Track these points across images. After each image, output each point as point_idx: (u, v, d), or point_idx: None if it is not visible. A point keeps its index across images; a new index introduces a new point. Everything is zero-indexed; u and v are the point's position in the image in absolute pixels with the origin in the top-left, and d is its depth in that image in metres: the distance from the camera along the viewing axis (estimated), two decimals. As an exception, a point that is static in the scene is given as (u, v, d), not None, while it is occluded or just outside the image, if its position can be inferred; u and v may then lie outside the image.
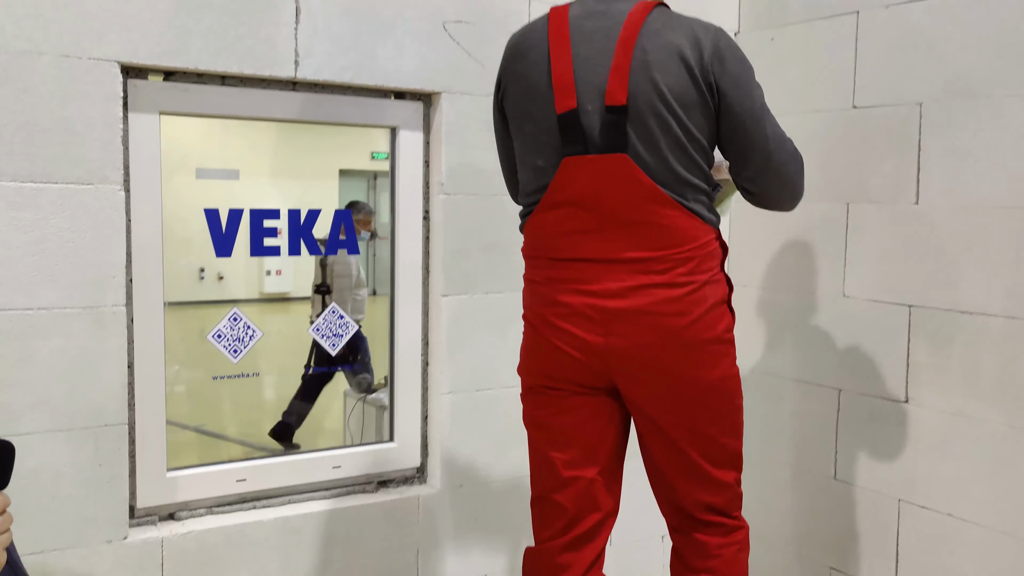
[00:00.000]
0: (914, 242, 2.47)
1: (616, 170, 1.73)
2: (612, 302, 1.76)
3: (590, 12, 1.80)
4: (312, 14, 2.26)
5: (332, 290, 3.68)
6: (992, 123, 2.29)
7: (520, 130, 1.87)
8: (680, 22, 1.76)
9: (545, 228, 1.83)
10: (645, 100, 1.72)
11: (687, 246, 1.76)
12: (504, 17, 2.52)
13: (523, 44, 1.86)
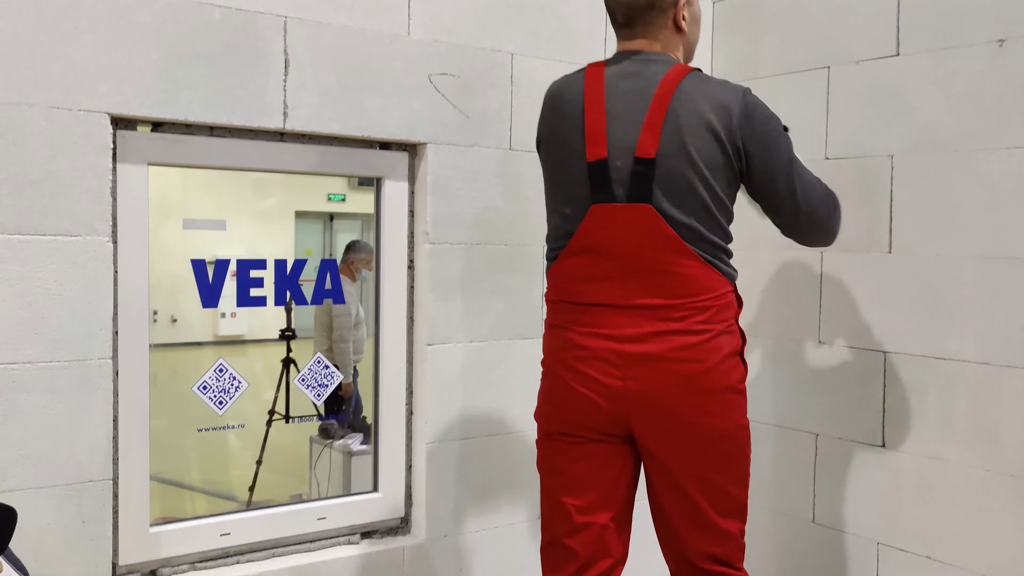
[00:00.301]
0: (888, 290, 2.54)
1: (641, 219, 1.81)
2: (631, 347, 1.82)
3: (625, 72, 1.89)
4: (301, 66, 2.27)
5: (296, 336, 3.65)
6: (962, 175, 2.38)
7: (551, 178, 1.97)
8: (711, 87, 1.85)
9: (569, 273, 1.90)
10: (673, 159, 1.81)
11: (704, 296, 1.83)
12: (487, 70, 2.56)
13: (559, 97, 1.96)
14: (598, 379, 1.84)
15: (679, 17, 1.94)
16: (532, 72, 2.63)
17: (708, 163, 1.82)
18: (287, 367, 3.63)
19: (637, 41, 1.95)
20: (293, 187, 3.26)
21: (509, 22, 2.58)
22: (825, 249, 2.68)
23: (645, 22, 1.93)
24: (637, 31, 1.94)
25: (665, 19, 1.93)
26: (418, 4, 2.43)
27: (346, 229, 4.99)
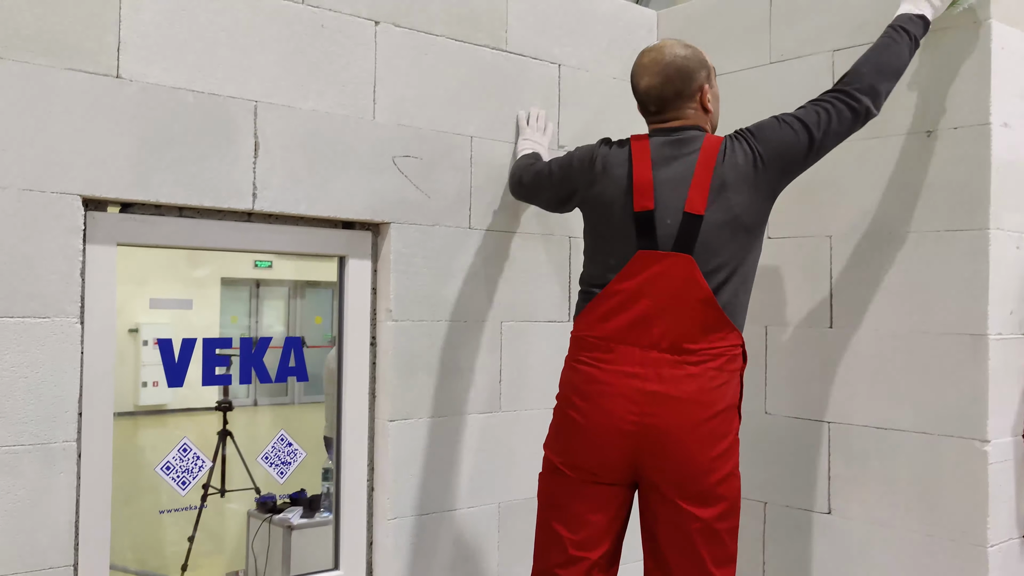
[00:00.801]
0: (831, 363, 2.67)
1: (679, 268, 2.03)
2: (651, 385, 2.02)
3: (667, 142, 2.16)
4: (270, 149, 2.32)
5: (233, 407, 3.61)
6: (896, 256, 2.54)
7: (596, 231, 2.19)
8: (740, 144, 2.11)
9: (602, 312, 2.09)
10: (719, 216, 2.06)
11: (720, 345, 2.05)
12: (448, 151, 2.64)
13: (608, 158, 2.21)
14: (617, 414, 2.02)
15: (705, 100, 2.20)
16: (491, 154, 2.73)
17: (748, 213, 2.09)
18: (223, 439, 3.58)
19: (670, 123, 2.19)
20: (220, 252, 3.27)
21: (469, 107, 2.68)
22: (769, 324, 2.81)
23: (675, 108, 2.18)
24: (668, 116, 2.19)
25: (693, 103, 2.19)
26: (383, 90, 2.51)
27: (273, 296, 4.96)
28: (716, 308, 2.05)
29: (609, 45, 3.02)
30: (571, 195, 2.34)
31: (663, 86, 2.18)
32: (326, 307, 3.91)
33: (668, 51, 2.21)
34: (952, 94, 2.43)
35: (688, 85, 2.18)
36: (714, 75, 2.29)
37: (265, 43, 2.31)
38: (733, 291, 2.09)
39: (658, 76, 2.18)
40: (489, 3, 2.74)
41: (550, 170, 2.44)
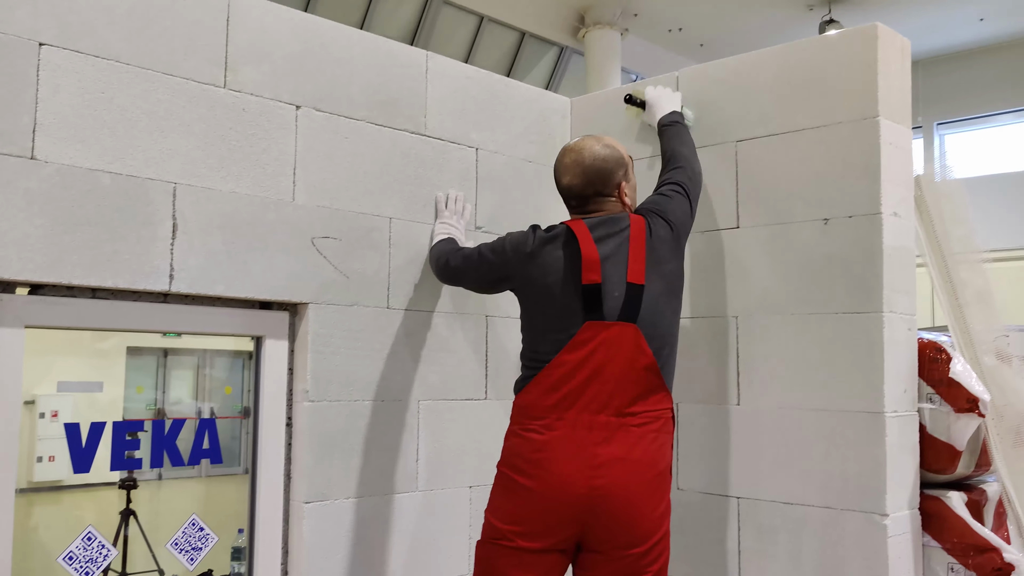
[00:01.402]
0: (739, 439, 2.76)
1: (625, 336, 2.17)
2: (601, 448, 2.13)
3: (598, 223, 2.31)
4: (189, 230, 2.32)
5: (137, 484, 3.51)
6: (797, 335, 2.66)
7: (536, 307, 2.30)
8: (659, 221, 2.35)
9: (550, 383, 2.19)
10: (655, 285, 2.25)
11: (658, 408, 2.21)
12: (367, 233, 2.68)
13: (545, 242, 2.32)
14: (569, 479, 2.13)
15: (623, 195, 2.36)
16: (409, 235, 2.77)
17: (676, 278, 2.34)
18: (126, 519, 3.45)
19: (594, 214, 2.35)
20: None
21: (389, 189, 2.73)
22: (680, 401, 2.90)
23: (595, 203, 2.35)
24: (592, 207, 2.35)
25: (612, 199, 2.36)
26: (303, 172, 2.55)
27: (181, 366, 4.83)
28: (656, 373, 2.22)
29: (525, 130, 3.13)
30: (505, 278, 2.43)
31: (584, 186, 2.35)
32: (237, 376, 3.86)
33: (587, 152, 2.35)
34: (846, 185, 2.59)
35: (607, 184, 2.35)
36: (631, 168, 2.44)
37: (186, 126, 2.33)
38: (668, 355, 2.28)
39: (578, 177, 2.35)
40: (409, 89, 2.81)
41: (480, 253, 2.50)
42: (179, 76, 2.33)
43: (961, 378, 2.62)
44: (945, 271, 2.90)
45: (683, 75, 3.01)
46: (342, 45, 2.66)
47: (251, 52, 2.46)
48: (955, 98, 12.22)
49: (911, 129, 2.71)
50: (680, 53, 11.74)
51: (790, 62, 2.74)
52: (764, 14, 10.77)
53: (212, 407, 2.72)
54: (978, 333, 2.86)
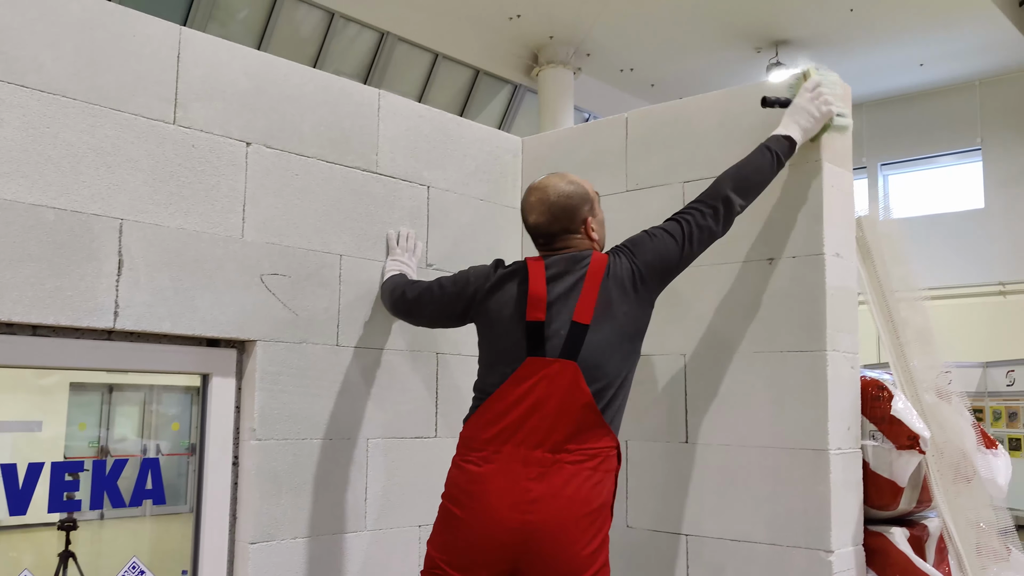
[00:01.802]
0: (686, 477, 2.78)
1: (566, 374, 2.18)
2: (533, 484, 2.13)
3: (559, 260, 2.32)
4: (135, 266, 2.29)
5: (77, 525, 3.42)
6: (744, 373, 2.70)
7: (489, 339, 2.33)
8: (623, 264, 2.29)
9: (490, 416, 2.21)
10: (604, 326, 2.23)
11: (596, 446, 2.20)
12: (317, 270, 2.67)
13: (504, 277, 2.36)
14: (501, 513, 2.13)
15: (589, 231, 2.37)
16: (360, 272, 2.77)
17: (631, 323, 2.28)
18: (64, 562, 3.35)
19: (559, 252, 2.35)
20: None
21: (339, 226, 2.73)
22: (630, 439, 2.91)
23: (562, 240, 2.35)
24: (558, 244, 2.36)
25: (579, 235, 2.36)
26: (253, 209, 2.54)
27: (127, 402, 4.74)
28: (596, 412, 2.21)
29: (477, 168, 3.15)
30: (465, 311, 2.45)
31: (549, 224, 2.36)
32: (184, 412, 3.79)
33: (552, 190, 2.37)
34: (790, 226, 2.64)
35: (572, 221, 2.36)
36: (597, 203, 2.45)
37: (133, 161, 2.31)
38: (612, 396, 2.26)
39: (544, 215, 2.36)
40: (361, 127, 2.82)
41: (440, 285, 2.52)
42: (127, 112, 2.31)
43: (902, 415, 2.67)
44: (886, 310, 2.97)
45: (631, 116, 3.06)
46: (294, 83, 2.67)
47: (202, 89, 2.46)
48: (898, 140, 12.57)
49: (852, 172, 2.78)
50: (632, 93, 11.93)
51: (735, 106, 2.80)
52: (713, 56, 11.01)
53: (158, 444, 2.66)
54: (919, 371, 2.92)
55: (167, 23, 2.42)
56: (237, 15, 8.89)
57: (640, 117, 3.04)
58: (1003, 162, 11.76)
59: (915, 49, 10.94)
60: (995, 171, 11.83)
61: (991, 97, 11.91)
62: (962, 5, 9.70)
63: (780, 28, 10.31)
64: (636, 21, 10.08)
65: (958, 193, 12.24)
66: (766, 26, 10.26)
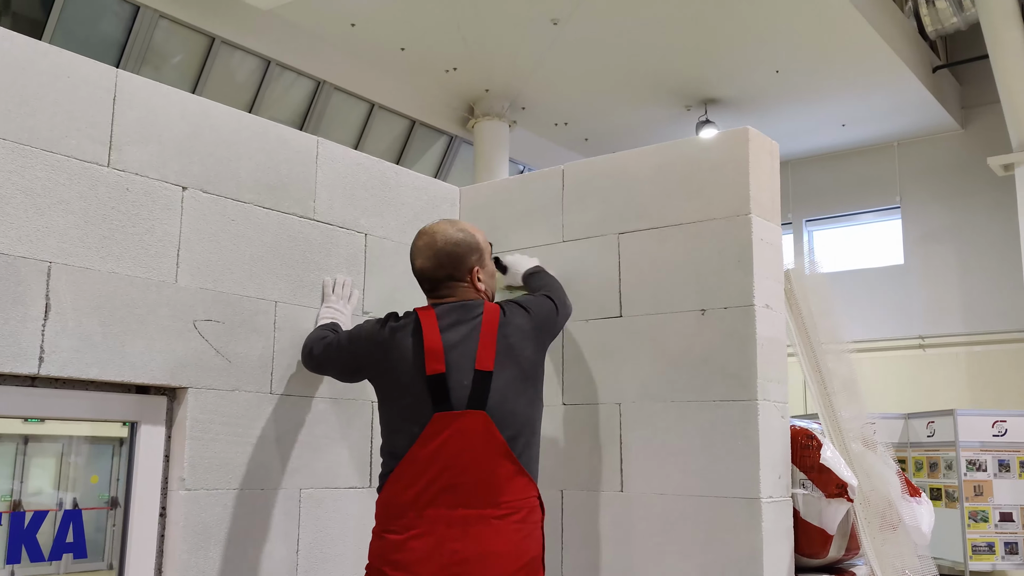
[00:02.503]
0: (622, 525, 2.79)
1: (477, 425, 2.13)
2: (461, 544, 2.07)
3: (451, 309, 2.32)
4: (63, 310, 2.24)
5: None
6: (677, 422, 2.73)
7: (390, 397, 2.27)
8: (518, 311, 2.33)
9: (406, 480, 2.14)
10: (507, 370, 2.23)
11: (521, 497, 2.15)
12: (251, 316, 2.64)
13: (398, 331, 2.32)
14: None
15: (475, 280, 2.38)
16: (295, 319, 2.74)
17: (532, 368, 2.28)
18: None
19: (445, 300, 2.35)
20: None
21: (275, 272, 2.71)
22: (565, 488, 2.91)
23: (448, 287, 2.36)
24: (444, 292, 2.36)
25: (465, 283, 2.37)
26: (188, 254, 2.50)
27: (43, 453, 4.58)
28: (515, 461, 2.17)
29: (415, 216, 3.16)
30: (360, 367, 2.44)
31: (435, 269, 2.38)
32: (104, 464, 3.68)
33: (441, 236, 2.40)
34: (721, 277, 2.71)
35: (459, 268, 2.38)
36: (488, 255, 2.48)
37: (65, 204, 2.27)
38: (526, 442, 2.23)
39: (430, 260, 2.38)
40: (299, 173, 2.82)
41: (339, 342, 2.51)
42: (60, 153, 2.27)
43: (831, 464, 2.73)
44: (814, 361, 3.04)
45: (568, 168, 3.12)
46: (231, 128, 2.66)
47: (138, 132, 2.43)
48: (822, 197, 12.98)
49: (781, 225, 2.87)
50: (565, 146, 12.12)
51: (668, 160, 2.88)
52: (645, 113, 11.27)
53: (75, 497, 2.56)
54: (845, 421, 3.00)
55: (103, 65, 2.40)
56: (171, 59, 8.81)
57: (576, 169, 3.10)
58: (921, 220, 12.22)
59: (837, 110, 11.36)
60: (913, 228, 12.28)
61: (909, 157, 12.41)
62: (881, 70, 10.14)
63: (709, 87, 10.63)
64: (570, 77, 10.29)
65: (879, 249, 12.66)
66: (695, 85, 10.57)
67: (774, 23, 9.09)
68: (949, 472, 7.78)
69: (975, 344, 11.48)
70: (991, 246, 11.51)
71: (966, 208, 11.84)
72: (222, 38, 8.88)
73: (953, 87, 11.99)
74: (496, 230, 3.22)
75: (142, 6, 8.22)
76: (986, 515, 7.63)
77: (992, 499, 7.66)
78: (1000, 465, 7.72)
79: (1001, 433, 7.74)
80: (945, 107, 11.35)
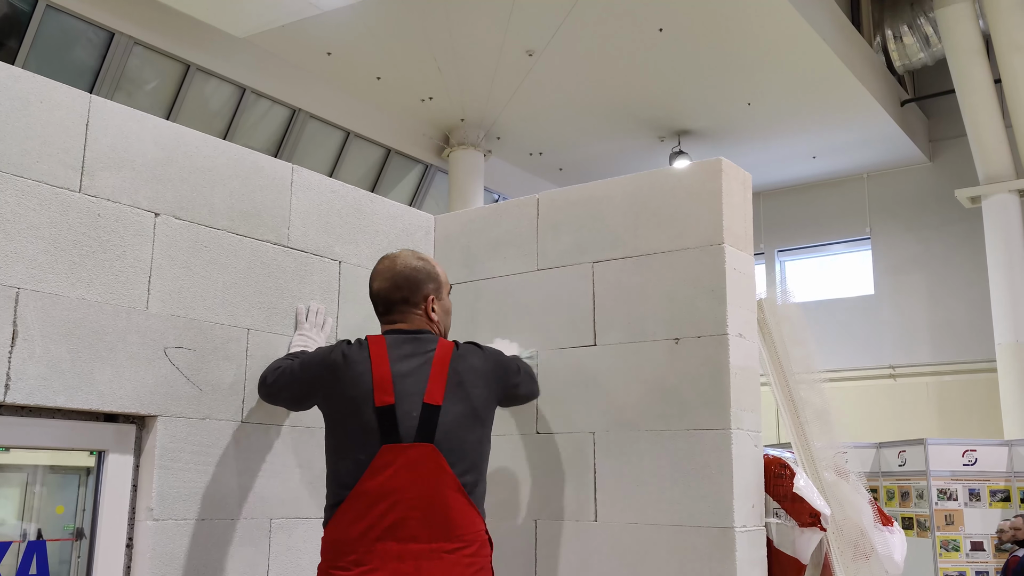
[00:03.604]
0: (595, 555, 2.77)
1: (426, 458, 2.12)
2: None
3: (403, 340, 2.32)
4: (30, 337, 2.20)
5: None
6: (651, 451, 2.73)
7: (340, 427, 2.25)
8: (474, 351, 2.32)
9: (354, 514, 2.11)
10: (457, 405, 2.22)
11: (471, 530, 2.13)
12: (223, 344, 2.61)
13: (348, 358, 2.30)
14: None
15: (429, 309, 2.37)
16: (268, 346, 2.72)
17: (483, 408, 2.26)
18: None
19: (397, 325, 2.35)
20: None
21: (248, 299, 2.69)
22: (539, 518, 2.90)
23: (401, 312, 2.36)
24: (395, 317, 2.36)
25: (419, 310, 2.36)
26: (159, 280, 2.48)
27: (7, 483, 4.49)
28: (465, 495, 2.16)
29: (389, 245, 3.16)
30: (311, 392, 2.41)
31: (391, 291, 2.39)
32: (70, 495, 3.63)
33: (401, 261, 2.42)
34: (695, 307, 2.72)
35: (414, 294, 2.38)
36: (446, 290, 2.49)
37: (34, 229, 2.24)
38: (475, 479, 2.22)
39: (388, 281, 2.40)
40: (273, 200, 2.81)
41: (292, 369, 2.48)
42: (30, 178, 2.25)
43: (804, 493, 2.74)
44: (787, 390, 3.06)
45: (543, 198, 3.13)
46: (205, 154, 2.65)
47: (110, 157, 2.42)
48: (794, 228, 13.13)
49: (753, 255, 2.89)
50: (540, 175, 12.20)
51: (643, 190, 2.90)
52: (619, 143, 11.38)
53: (39, 528, 2.51)
54: (818, 450, 3.01)
55: (76, 91, 2.38)
56: (145, 86, 8.79)
57: (551, 198, 3.11)
58: (890, 251, 12.39)
59: (808, 142, 11.54)
60: (883, 259, 12.44)
61: (878, 189, 12.60)
62: (851, 103, 10.31)
63: (682, 119, 10.76)
64: (545, 108, 10.38)
65: (850, 279, 12.80)
66: (669, 117, 10.70)
67: (746, 57, 9.23)
68: (920, 501, 7.84)
69: (944, 373, 11.61)
70: (959, 277, 11.68)
71: (935, 239, 12.02)
72: (197, 65, 8.87)
73: (921, 121, 12.21)
74: (471, 258, 3.22)
75: (117, 32, 8.20)
76: (957, 544, 7.68)
77: (963, 528, 7.71)
78: (971, 494, 7.79)
79: (971, 462, 7.81)
80: (913, 140, 11.56)
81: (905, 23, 11.37)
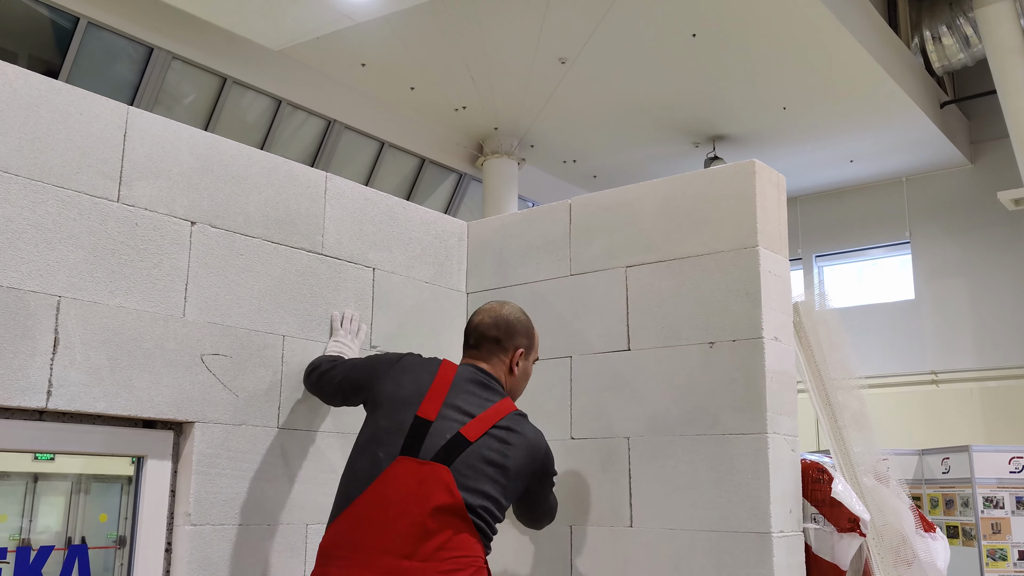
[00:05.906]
0: (631, 561, 2.76)
1: (436, 478, 2.14)
2: None
3: (474, 378, 2.39)
4: (71, 344, 2.24)
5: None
6: (686, 456, 2.71)
7: (378, 421, 2.29)
8: (527, 429, 2.34)
9: (351, 520, 2.15)
10: (487, 451, 2.23)
11: (467, 555, 2.13)
12: (259, 351, 2.64)
13: (419, 362, 2.43)
14: None
15: (514, 361, 2.45)
16: (303, 353, 2.74)
17: (512, 471, 2.26)
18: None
19: (478, 362, 2.42)
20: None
21: (283, 306, 2.71)
22: (574, 524, 2.89)
23: (488, 350, 2.43)
24: (481, 354, 2.44)
25: (505, 356, 2.44)
26: (196, 288, 2.51)
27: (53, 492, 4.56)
28: (466, 518, 2.16)
29: (422, 251, 3.17)
30: (373, 378, 2.43)
31: (488, 328, 2.47)
32: (113, 503, 3.69)
33: (508, 308, 2.53)
34: (730, 310, 2.70)
35: (508, 340, 2.47)
36: (534, 356, 2.57)
37: (75, 238, 2.28)
38: (485, 513, 2.20)
39: (490, 319, 2.49)
40: (307, 208, 2.84)
41: (353, 360, 2.59)
42: (70, 189, 2.30)
43: (843, 498, 2.70)
44: (824, 394, 3.02)
45: (575, 203, 3.13)
46: (240, 163, 2.68)
47: (147, 167, 2.46)
48: (832, 233, 12.97)
49: (788, 258, 2.86)
50: (574, 183, 12.18)
51: (675, 193, 2.88)
52: (653, 149, 11.33)
53: (83, 536, 2.55)
54: (857, 455, 2.96)
55: (114, 102, 2.43)
56: (183, 100, 8.92)
57: (584, 203, 3.11)
58: (931, 255, 12.19)
59: (845, 146, 11.39)
60: (923, 263, 12.25)
61: (918, 193, 12.41)
62: (888, 106, 10.18)
63: (717, 125, 10.68)
64: (578, 115, 10.37)
65: (890, 284, 12.61)
66: (703, 123, 10.62)
67: (781, 61, 9.16)
68: (965, 509, 7.68)
69: (988, 379, 11.39)
70: (1002, 280, 11.46)
71: (976, 243, 11.81)
72: (234, 78, 8.99)
73: (961, 122, 12.02)
74: (503, 264, 3.23)
75: (156, 48, 8.33)
76: (1004, 553, 7.51)
77: (1011, 537, 7.54)
78: (1018, 502, 7.62)
79: (1018, 469, 7.64)
80: (953, 142, 11.37)
81: (944, 24, 11.20)
